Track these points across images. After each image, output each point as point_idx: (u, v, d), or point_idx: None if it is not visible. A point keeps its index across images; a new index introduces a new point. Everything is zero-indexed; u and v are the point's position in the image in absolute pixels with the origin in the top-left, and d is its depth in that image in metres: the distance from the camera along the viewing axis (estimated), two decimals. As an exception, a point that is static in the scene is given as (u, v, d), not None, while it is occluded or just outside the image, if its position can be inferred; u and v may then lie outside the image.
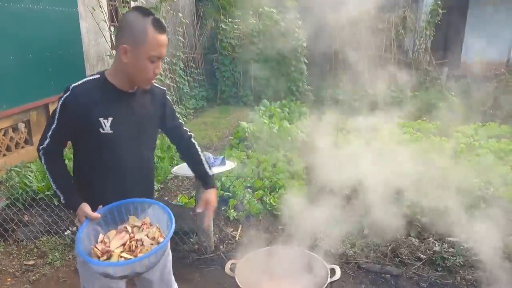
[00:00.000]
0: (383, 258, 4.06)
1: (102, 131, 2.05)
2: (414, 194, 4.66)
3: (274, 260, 3.02)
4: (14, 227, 4.66)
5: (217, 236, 4.46)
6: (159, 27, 1.98)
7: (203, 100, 11.35)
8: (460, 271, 3.81)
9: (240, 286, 2.61)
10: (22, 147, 6.92)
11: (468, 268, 3.83)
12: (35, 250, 4.36)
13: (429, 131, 7.79)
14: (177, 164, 5.31)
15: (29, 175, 5.39)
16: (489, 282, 3.66)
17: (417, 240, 4.21)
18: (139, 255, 2.09)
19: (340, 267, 2.85)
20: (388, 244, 4.17)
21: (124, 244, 2.14)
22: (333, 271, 2.78)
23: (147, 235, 2.18)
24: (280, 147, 6.88)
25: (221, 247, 4.29)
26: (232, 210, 4.86)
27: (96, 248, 2.10)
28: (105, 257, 2.07)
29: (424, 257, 4.01)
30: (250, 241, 3.89)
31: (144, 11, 1.98)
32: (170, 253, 2.67)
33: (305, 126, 7.94)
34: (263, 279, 2.94)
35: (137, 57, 1.98)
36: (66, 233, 4.61)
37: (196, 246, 4.28)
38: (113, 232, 2.21)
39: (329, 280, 2.68)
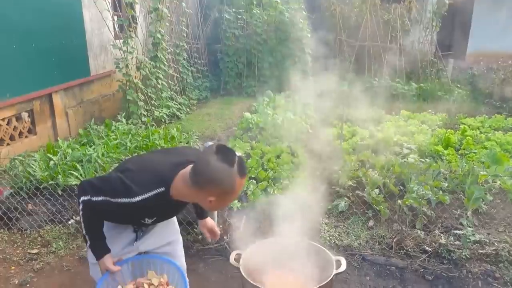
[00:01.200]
0: (388, 250, 4.03)
1: (142, 221, 2.26)
2: (419, 186, 4.61)
3: (279, 251, 2.99)
4: (18, 216, 4.66)
5: (221, 226, 4.44)
6: (243, 172, 1.98)
7: (207, 91, 11.28)
8: (466, 264, 3.77)
9: (245, 277, 2.59)
10: (26, 137, 6.90)
11: (475, 261, 3.79)
12: (39, 239, 4.36)
13: (435, 123, 7.72)
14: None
15: (33, 164, 5.37)
16: (496, 276, 3.63)
17: (422, 233, 4.17)
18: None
19: (345, 259, 2.82)
20: (393, 236, 4.14)
21: (139, 300, 2.27)
22: (338, 263, 2.75)
23: (162, 296, 2.31)
24: (284, 138, 6.83)
25: (225, 237, 4.27)
26: (236, 201, 4.84)
27: (113, 300, 2.23)
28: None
29: (430, 249, 3.97)
30: (254, 232, 3.86)
31: (228, 158, 1.92)
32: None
33: (309, 117, 7.87)
34: (268, 269, 2.92)
35: (220, 203, 2.06)
36: (69, 222, 4.60)
37: (200, 237, 4.26)
38: (130, 286, 2.32)
39: (334, 271, 2.65)
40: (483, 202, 4.59)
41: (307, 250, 2.94)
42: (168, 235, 2.62)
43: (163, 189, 2.01)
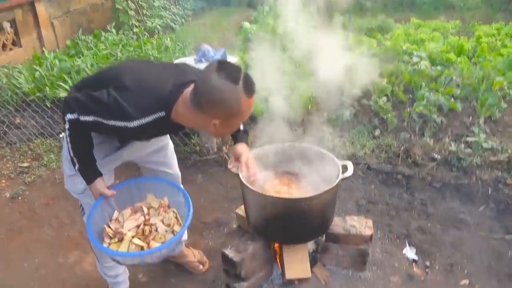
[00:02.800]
0: (395, 159, 3.85)
1: (133, 140, 2.13)
2: (431, 93, 4.31)
3: (281, 157, 2.78)
4: (6, 129, 4.44)
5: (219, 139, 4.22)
6: (250, 90, 1.74)
7: (203, 0, 10.51)
8: (477, 172, 3.60)
9: (244, 182, 2.39)
10: (10, 49, 6.46)
11: (486, 169, 3.62)
12: (29, 152, 4.18)
13: (447, 31, 7.19)
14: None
15: (18, 76, 5.04)
16: (507, 182, 3.47)
17: (432, 140, 3.96)
18: (151, 242, 1.96)
19: (352, 163, 2.61)
20: (400, 145, 3.93)
21: (138, 226, 2.02)
22: (345, 168, 2.54)
23: (162, 221, 2.06)
24: (286, 49, 6.38)
25: (224, 148, 4.08)
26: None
27: (109, 227, 2.01)
28: (116, 239, 1.96)
29: (439, 157, 3.79)
30: (254, 142, 3.67)
31: (232, 75, 1.67)
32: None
33: (312, 26, 7.32)
34: (269, 176, 2.73)
35: (225, 127, 1.85)
36: (60, 135, 4.39)
37: (198, 148, 4.07)
38: (128, 210, 2.10)
39: (341, 176, 2.45)
40: (497, 110, 4.31)
41: (311, 156, 2.72)
42: (156, 141, 2.37)
43: (163, 113, 1.78)
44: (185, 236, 2.76)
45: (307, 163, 2.72)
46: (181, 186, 2.35)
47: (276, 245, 2.65)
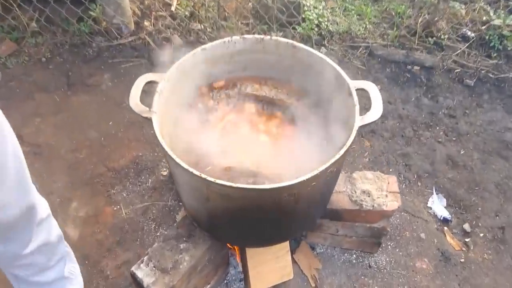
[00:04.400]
0: (409, 39, 2.55)
1: None
2: None
3: (241, 66, 1.47)
4: None
5: (138, 4, 2.66)
6: None
7: None
8: (528, 58, 2.43)
9: (167, 150, 1.13)
10: None
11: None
12: None
13: None
14: None
15: None
16: None
17: (463, 7, 2.63)
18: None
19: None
20: (418, 15, 2.58)
21: None
22: (362, 95, 1.28)
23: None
24: None
25: (146, 24, 2.57)
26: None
27: None
28: None
29: (473, 35, 2.53)
30: (195, 17, 2.22)
31: None
32: None
33: None
34: (218, 109, 1.45)
35: None
36: None
37: (104, 25, 2.53)
38: None
39: (358, 120, 1.21)
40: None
41: (298, 64, 1.42)
42: None
43: None
44: None
45: (290, 81, 1.44)
46: None
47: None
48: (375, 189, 1.52)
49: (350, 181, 1.55)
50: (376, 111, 1.26)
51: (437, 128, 2.20)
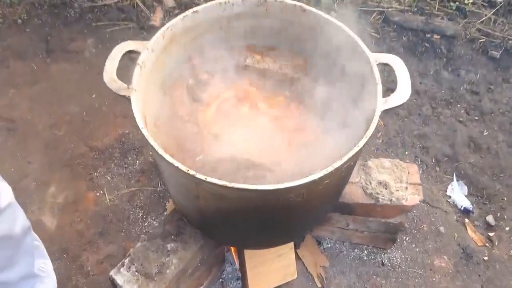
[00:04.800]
0: (428, 3, 2.28)
1: None
2: None
3: (239, 36, 1.23)
4: None
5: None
6: None
7: None
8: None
9: (153, 145, 0.91)
10: None
11: None
12: None
13: None
14: None
15: None
16: None
17: (490, -32, 2.34)
18: None
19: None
20: (439, -24, 2.30)
21: None
22: (382, 71, 1.06)
23: None
24: None
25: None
26: None
27: None
28: None
29: (501, 0, 2.26)
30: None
31: None
32: None
33: None
34: (215, 85, 1.23)
35: None
36: None
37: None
38: None
39: (381, 104, 1.00)
40: None
41: (302, 34, 1.20)
42: None
43: None
44: None
45: (297, 52, 1.22)
46: None
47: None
48: (393, 180, 1.32)
49: (364, 170, 1.34)
50: (403, 92, 1.05)
51: (458, 105, 1.97)
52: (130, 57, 1.09)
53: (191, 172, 0.87)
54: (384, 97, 1.03)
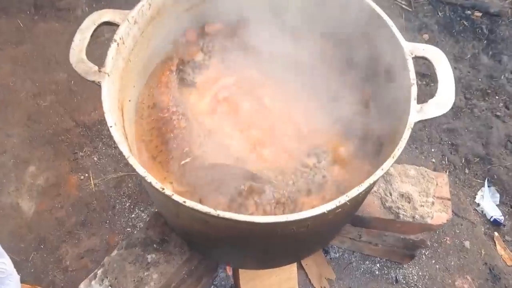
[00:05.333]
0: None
1: None
2: None
3: (247, 7, 1.01)
4: None
5: None
6: None
7: None
8: None
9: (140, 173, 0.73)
10: None
11: None
12: None
13: None
14: None
15: None
16: None
17: None
18: None
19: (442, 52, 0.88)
20: None
21: None
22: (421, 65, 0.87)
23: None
24: None
25: None
26: None
27: None
28: None
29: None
30: None
31: None
32: None
33: None
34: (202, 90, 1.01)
35: None
36: None
37: None
38: None
39: (415, 114, 0.78)
40: None
41: (322, 6, 0.97)
42: None
43: None
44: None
45: (314, 31, 1.00)
46: None
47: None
48: (418, 193, 1.11)
49: (384, 178, 1.13)
50: (444, 99, 0.82)
51: (496, 97, 1.72)
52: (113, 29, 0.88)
53: (167, 192, 0.68)
54: (418, 103, 0.81)
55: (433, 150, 1.57)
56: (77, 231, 1.38)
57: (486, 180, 1.52)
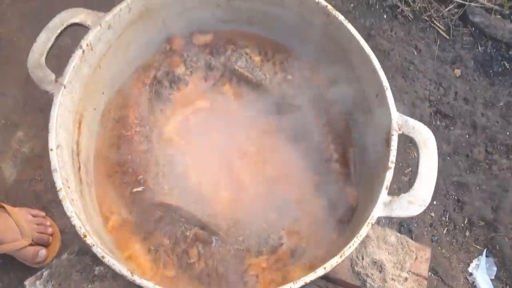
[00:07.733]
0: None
1: None
2: None
3: (243, 20, 0.91)
4: None
5: None
6: None
7: None
8: None
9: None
10: None
11: None
12: None
13: None
14: None
15: None
16: None
17: None
18: None
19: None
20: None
21: None
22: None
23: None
24: None
25: None
26: None
27: None
28: None
29: None
30: None
31: None
32: None
33: None
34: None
35: None
36: None
37: None
38: None
39: (380, 208, 0.67)
40: None
41: (323, 44, 0.85)
42: None
43: None
44: None
45: (314, 67, 0.90)
46: None
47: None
48: (393, 264, 1.00)
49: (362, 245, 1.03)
50: (419, 199, 0.71)
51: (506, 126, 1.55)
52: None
53: (106, 259, 0.61)
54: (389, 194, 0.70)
55: (435, 202, 1.44)
56: (52, 208, 1.36)
57: (485, 249, 1.38)
